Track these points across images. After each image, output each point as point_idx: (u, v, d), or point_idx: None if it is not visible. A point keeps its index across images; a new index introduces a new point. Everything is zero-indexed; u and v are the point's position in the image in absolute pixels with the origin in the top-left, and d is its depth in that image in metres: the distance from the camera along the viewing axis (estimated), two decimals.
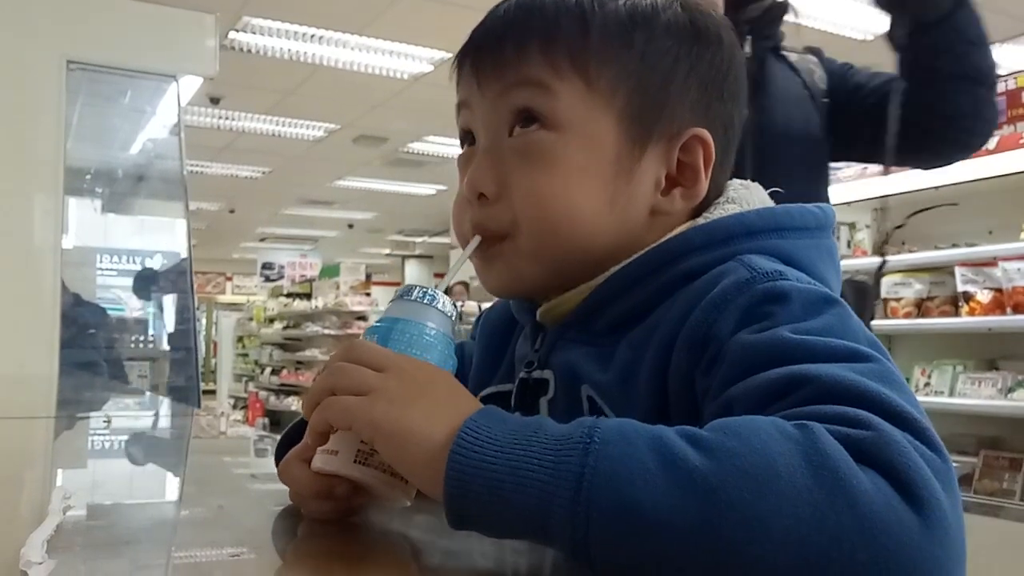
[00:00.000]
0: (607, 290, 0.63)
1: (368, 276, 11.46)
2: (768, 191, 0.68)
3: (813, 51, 1.57)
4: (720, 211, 0.64)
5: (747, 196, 0.65)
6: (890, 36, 1.47)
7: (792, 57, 1.54)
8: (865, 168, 3.34)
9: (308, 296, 10.73)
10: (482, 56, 0.65)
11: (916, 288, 3.49)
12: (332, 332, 9.70)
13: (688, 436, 0.43)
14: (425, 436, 0.48)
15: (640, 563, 0.42)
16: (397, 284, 14.10)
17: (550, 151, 0.62)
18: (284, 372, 10.55)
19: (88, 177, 3.30)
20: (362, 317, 9.84)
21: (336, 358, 0.54)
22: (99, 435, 1.53)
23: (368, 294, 10.52)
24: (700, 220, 0.64)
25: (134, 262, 3.79)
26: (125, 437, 1.53)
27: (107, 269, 3.85)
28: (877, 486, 0.41)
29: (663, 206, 0.64)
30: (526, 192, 0.62)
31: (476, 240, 0.63)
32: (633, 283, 0.62)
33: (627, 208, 0.63)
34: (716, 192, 0.66)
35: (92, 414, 1.94)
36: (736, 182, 0.67)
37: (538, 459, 0.44)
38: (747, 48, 1.44)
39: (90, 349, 3.09)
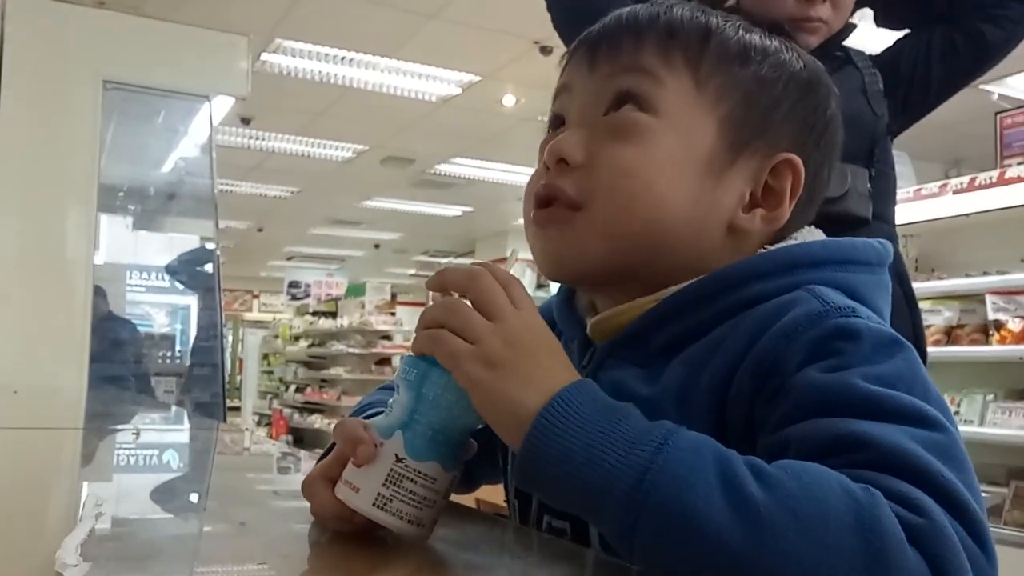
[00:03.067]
0: (665, 309, 0.61)
1: (393, 296, 11.51)
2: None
3: (859, 52, 1.65)
4: (782, 244, 0.64)
5: (808, 235, 0.65)
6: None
7: (854, 57, 1.61)
8: None
9: (333, 315, 10.79)
10: (599, 43, 0.65)
11: (946, 315, 3.45)
12: (357, 351, 9.74)
13: (753, 466, 0.45)
14: (516, 401, 0.50)
15: (676, 565, 0.44)
16: (422, 304, 14.12)
17: (645, 131, 0.61)
18: (308, 390, 10.59)
19: (121, 194, 3.36)
20: (387, 336, 9.88)
21: (454, 285, 0.55)
22: (125, 448, 1.54)
23: (393, 314, 10.56)
24: (762, 250, 0.63)
25: (164, 279, 3.84)
26: (151, 451, 1.54)
27: (137, 285, 3.90)
28: (919, 572, 0.41)
29: (742, 223, 0.63)
30: (612, 163, 0.61)
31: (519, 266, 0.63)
32: (693, 305, 0.60)
33: (708, 213, 0.62)
34: (792, 229, 0.65)
35: (120, 427, 1.96)
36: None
37: (613, 445, 0.47)
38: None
39: (119, 364, 3.13)
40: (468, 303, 0.54)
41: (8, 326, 2.29)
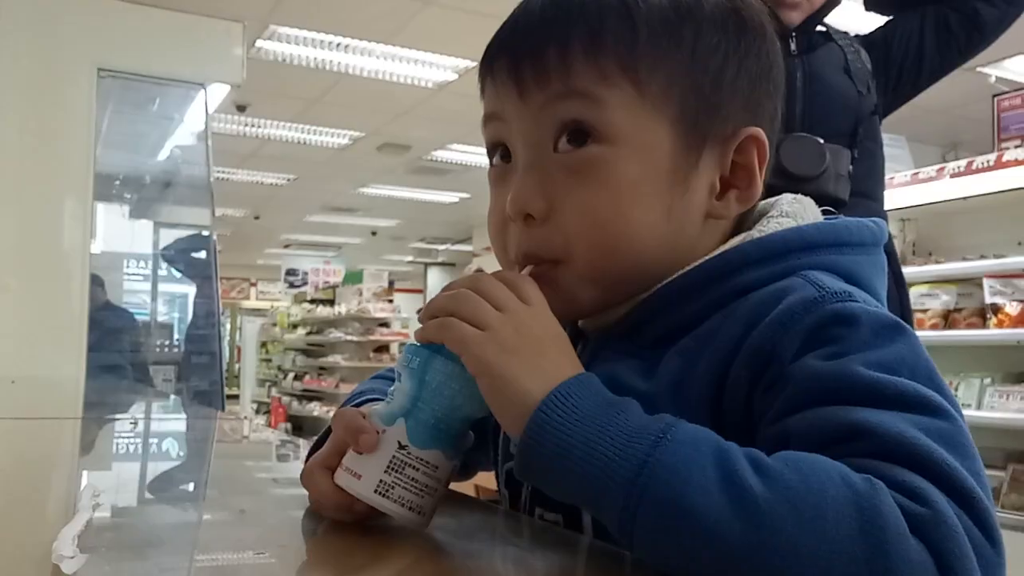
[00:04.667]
0: (657, 302, 0.60)
1: (391, 283, 11.50)
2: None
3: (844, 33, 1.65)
4: (775, 224, 0.61)
5: (801, 211, 0.63)
6: None
7: (835, 35, 1.61)
8: (892, 178, 3.31)
9: (331, 302, 10.79)
10: (520, 64, 0.60)
11: (943, 299, 3.45)
12: (354, 338, 9.74)
13: (752, 459, 0.44)
14: (523, 390, 0.50)
15: (676, 558, 0.44)
16: (419, 291, 14.12)
17: (603, 166, 0.58)
18: (307, 377, 10.60)
19: (117, 183, 3.35)
20: (384, 324, 9.88)
21: (461, 284, 0.55)
22: (124, 437, 1.54)
23: (391, 301, 10.56)
24: (755, 233, 0.61)
25: (161, 267, 3.83)
26: (149, 439, 1.54)
27: (134, 274, 3.90)
28: (921, 562, 0.41)
29: (718, 211, 0.61)
30: (580, 212, 0.58)
31: (529, 268, 0.60)
32: (686, 296, 0.59)
33: (683, 217, 0.60)
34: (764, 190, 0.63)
35: (118, 416, 1.96)
36: (788, 196, 0.65)
37: (612, 439, 0.47)
38: (792, 45, 1.51)
39: (116, 353, 3.13)
40: (476, 294, 0.54)
41: (5, 316, 2.28)
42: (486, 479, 0.77)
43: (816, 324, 0.52)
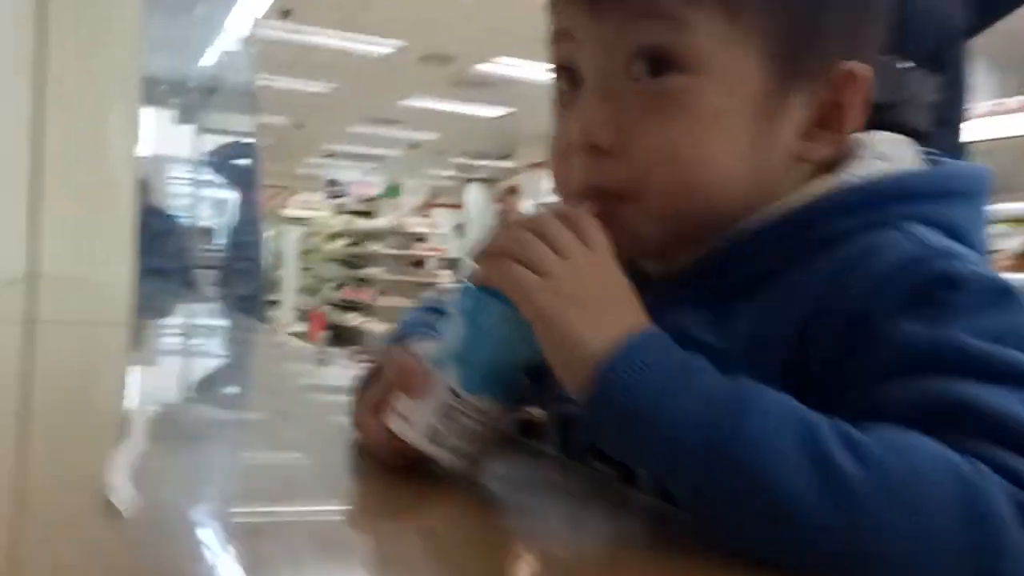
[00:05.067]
0: (734, 248, 0.54)
1: (431, 197, 11.49)
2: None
3: None
4: (869, 167, 0.54)
5: (899, 154, 0.56)
6: None
7: None
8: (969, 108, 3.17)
9: (370, 215, 10.85)
10: None
11: (1020, 240, 3.32)
12: (393, 251, 9.83)
13: (843, 436, 0.40)
14: (582, 341, 0.47)
15: (750, 538, 0.41)
16: (458, 207, 14.11)
17: (684, 97, 0.53)
18: (346, 288, 10.76)
19: (161, 88, 3.36)
20: (422, 238, 9.93)
21: (521, 224, 0.51)
22: (170, 341, 1.59)
23: (429, 215, 10.58)
24: (847, 177, 0.54)
25: (205, 173, 3.87)
26: (193, 343, 1.59)
27: (180, 178, 3.95)
28: None
29: (807, 153, 0.55)
30: (656, 146, 0.53)
31: (591, 205, 0.54)
32: (766, 243, 0.53)
33: (767, 157, 0.54)
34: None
35: (165, 320, 2.02)
36: (883, 135, 0.58)
37: (684, 403, 0.43)
38: None
39: (162, 257, 3.20)
40: (536, 236, 0.50)
41: (55, 221, 2.34)
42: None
43: (918, 285, 0.47)
